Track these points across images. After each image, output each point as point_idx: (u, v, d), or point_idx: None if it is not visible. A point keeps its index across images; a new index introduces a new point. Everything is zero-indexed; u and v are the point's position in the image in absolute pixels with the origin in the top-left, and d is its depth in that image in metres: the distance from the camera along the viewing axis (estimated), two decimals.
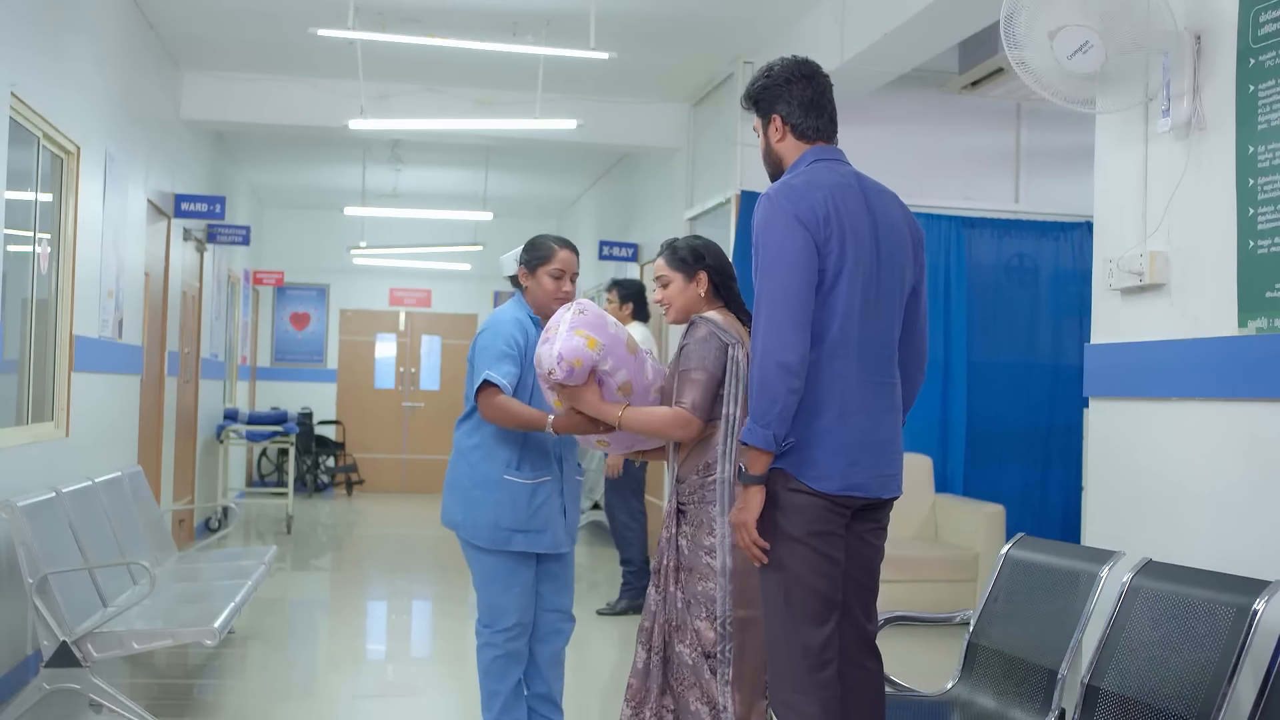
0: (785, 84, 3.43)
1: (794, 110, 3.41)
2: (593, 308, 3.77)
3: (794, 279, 3.13)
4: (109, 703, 5.01)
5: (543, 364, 3.69)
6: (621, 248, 11.80)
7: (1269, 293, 3.56)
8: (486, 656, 4.36)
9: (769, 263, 3.17)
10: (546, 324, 3.85)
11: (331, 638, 7.91)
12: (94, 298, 6.90)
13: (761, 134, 3.50)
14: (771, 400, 3.11)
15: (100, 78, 7.03)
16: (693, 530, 3.59)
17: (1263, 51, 3.63)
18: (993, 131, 8.79)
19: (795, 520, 3.21)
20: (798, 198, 3.21)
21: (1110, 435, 4.37)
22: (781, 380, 3.10)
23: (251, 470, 15.61)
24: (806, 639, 3.22)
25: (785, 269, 3.14)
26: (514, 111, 9.45)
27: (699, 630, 3.54)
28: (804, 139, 3.42)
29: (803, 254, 3.15)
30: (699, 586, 3.56)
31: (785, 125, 3.43)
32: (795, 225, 3.16)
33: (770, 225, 3.20)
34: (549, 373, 3.66)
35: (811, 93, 3.43)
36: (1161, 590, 3.47)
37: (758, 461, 3.18)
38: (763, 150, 3.52)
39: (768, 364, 3.11)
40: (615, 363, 3.68)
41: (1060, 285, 8.46)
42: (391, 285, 16.93)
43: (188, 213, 9.70)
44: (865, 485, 3.26)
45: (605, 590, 8.78)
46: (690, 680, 3.55)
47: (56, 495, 5.43)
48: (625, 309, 8.18)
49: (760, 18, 7.83)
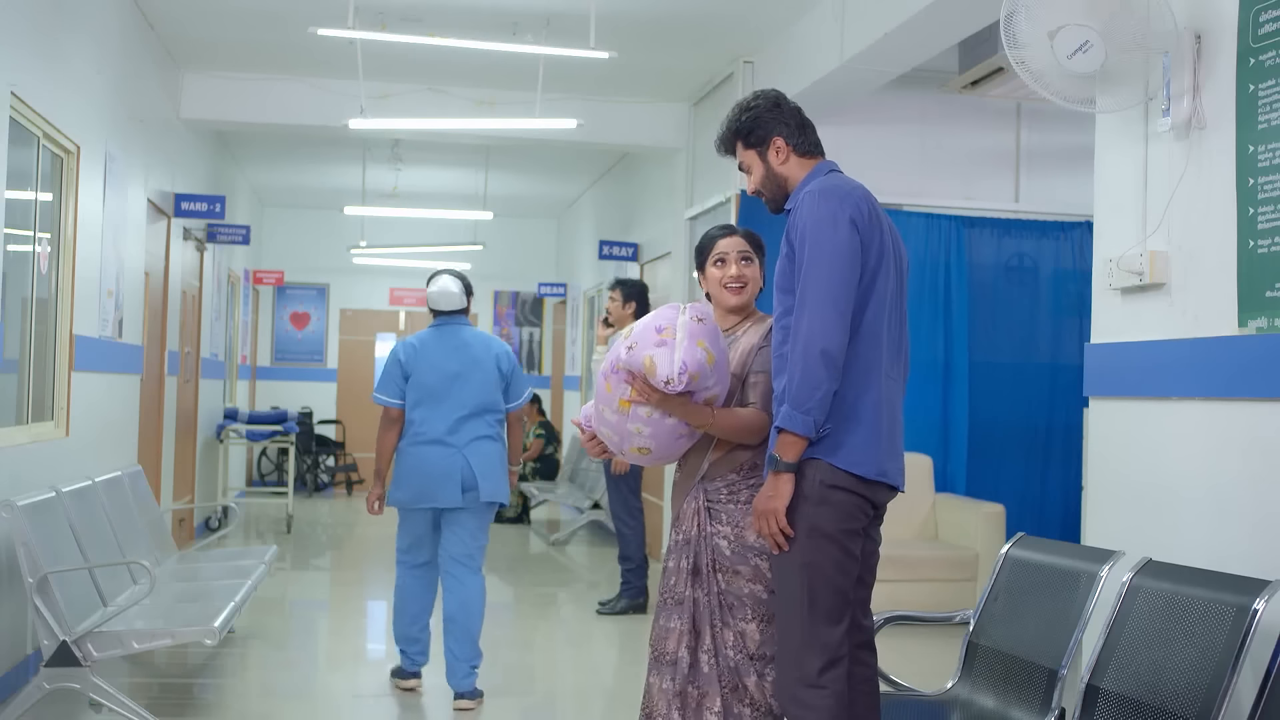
0: (773, 109, 3.56)
1: (791, 130, 3.54)
2: (709, 316, 3.52)
3: (843, 273, 3.24)
4: (109, 702, 5.01)
5: (658, 371, 3.34)
6: (622, 247, 11.80)
7: (1269, 292, 3.56)
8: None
9: (820, 256, 3.25)
10: (645, 322, 3.50)
11: (331, 637, 7.92)
12: (94, 297, 6.90)
13: (759, 163, 3.57)
14: (814, 386, 3.19)
15: (100, 77, 7.03)
16: (735, 531, 3.53)
17: (1263, 51, 3.63)
18: (993, 131, 8.80)
19: (830, 516, 3.27)
20: (845, 196, 3.33)
21: (1110, 435, 4.37)
22: (825, 367, 3.19)
23: (251, 470, 15.61)
24: (825, 636, 3.26)
25: (837, 263, 3.24)
26: (514, 111, 9.45)
27: (744, 632, 3.49)
28: (806, 155, 3.55)
29: (853, 250, 3.27)
30: (746, 588, 3.50)
31: (788, 146, 3.54)
32: (846, 223, 3.29)
33: (823, 221, 3.28)
34: (666, 381, 3.33)
35: (797, 113, 3.58)
36: (1161, 590, 3.47)
37: (793, 448, 3.24)
38: (760, 179, 3.58)
39: (812, 351, 3.19)
40: (718, 378, 3.46)
41: (1060, 285, 8.47)
42: (391, 285, 16.93)
43: (188, 212, 9.70)
44: (893, 474, 3.37)
45: (604, 589, 8.78)
46: (731, 683, 3.49)
47: (56, 495, 5.43)
48: (629, 308, 8.16)
49: (760, 17, 7.83)
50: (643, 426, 3.49)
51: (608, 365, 3.52)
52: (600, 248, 11.91)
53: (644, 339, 3.43)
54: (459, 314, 5.97)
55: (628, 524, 8.18)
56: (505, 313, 17.31)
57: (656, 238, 11.01)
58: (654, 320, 3.47)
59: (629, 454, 3.61)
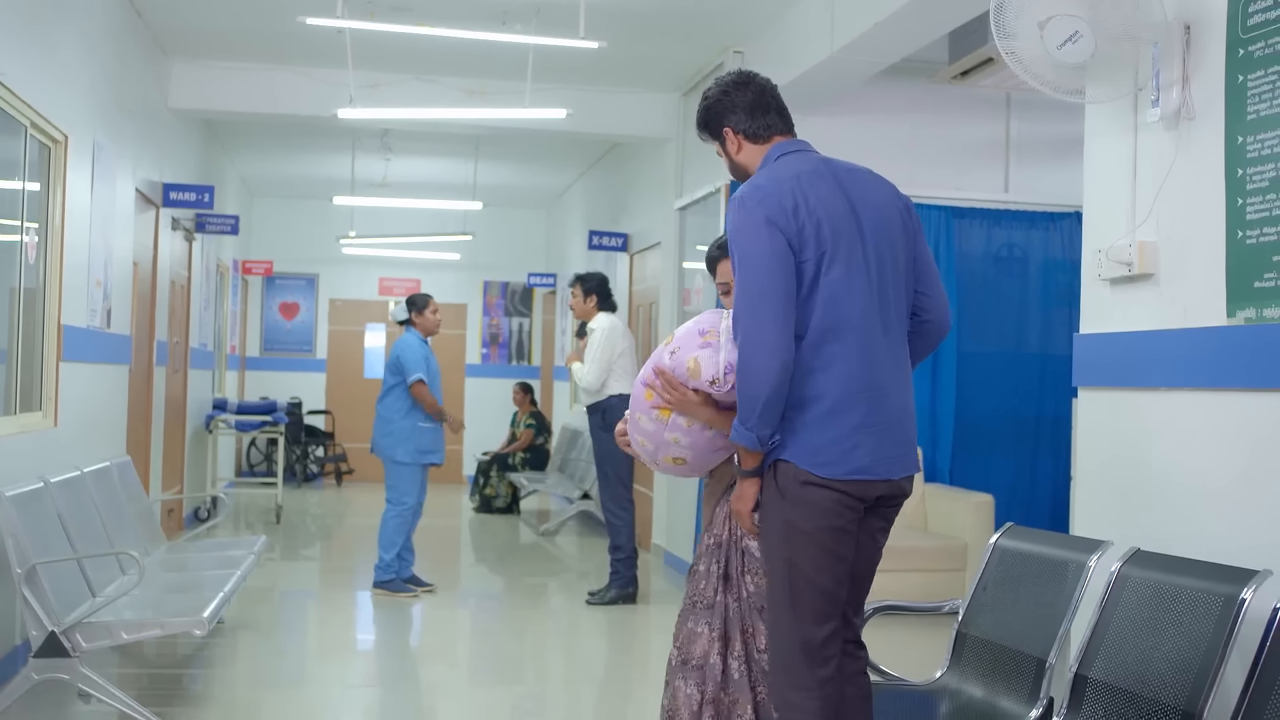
0: (723, 97, 3.51)
1: (740, 117, 3.48)
2: None
3: (770, 281, 3.16)
4: (98, 693, 5.01)
5: (703, 371, 3.33)
6: (611, 237, 11.79)
7: (1258, 283, 3.56)
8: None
9: (744, 266, 3.20)
10: (687, 327, 3.48)
11: (321, 627, 7.91)
12: (82, 287, 6.88)
13: (723, 154, 3.56)
14: (753, 401, 3.15)
15: (88, 67, 7.00)
16: None
17: (1252, 42, 3.63)
18: (982, 121, 8.79)
19: (807, 514, 3.20)
20: (763, 196, 3.24)
21: (1099, 425, 4.38)
22: (763, 381, 3.13)
23: (241, 460, 15.58)
24: (808, 635, 3.22)
25: (761, 271, 3.17)
26: (504, 101, 9.43)
27: None
28: (758, 140, 3.48)
29: (776, 253, 3.18)
30: None
31: (738, 135, 3.50)
32: (764, 225, 3.20)
33: (741, 229, 3.23)
34: (711, 381, 3.32)
35: (751, 95, 3.50)
36: (1150, 579, 3.48)
37: (749, 457, 3.26)
38: (729, 168, 3.58)
39: (749, 366, 3.15)
40: None
41: (1050, 275, 8.47)
42: (381, 275, 16.90)
43: (176, 202, 9.67)
44: (870, 468, 3.22)
45: (594, 579, 8.79)
46: (767, 688, 3.43)
47: (45, 485, 5.42)
48: (590, 302, 8.21)
49: (750, 7, 7.82)
50: (680, 436, 3.45)
51: (647, 373, 3.47)
52: (590, 238, 11.91)
53: (687, 342, 3.41)
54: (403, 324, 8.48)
55: (618, 514, 8.19)
56: (494, 303, 17.28)
57: (646, 228, 11.00)
58: (696, 325, 3.45)
59: (662, 464, 3.56)
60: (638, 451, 3.60)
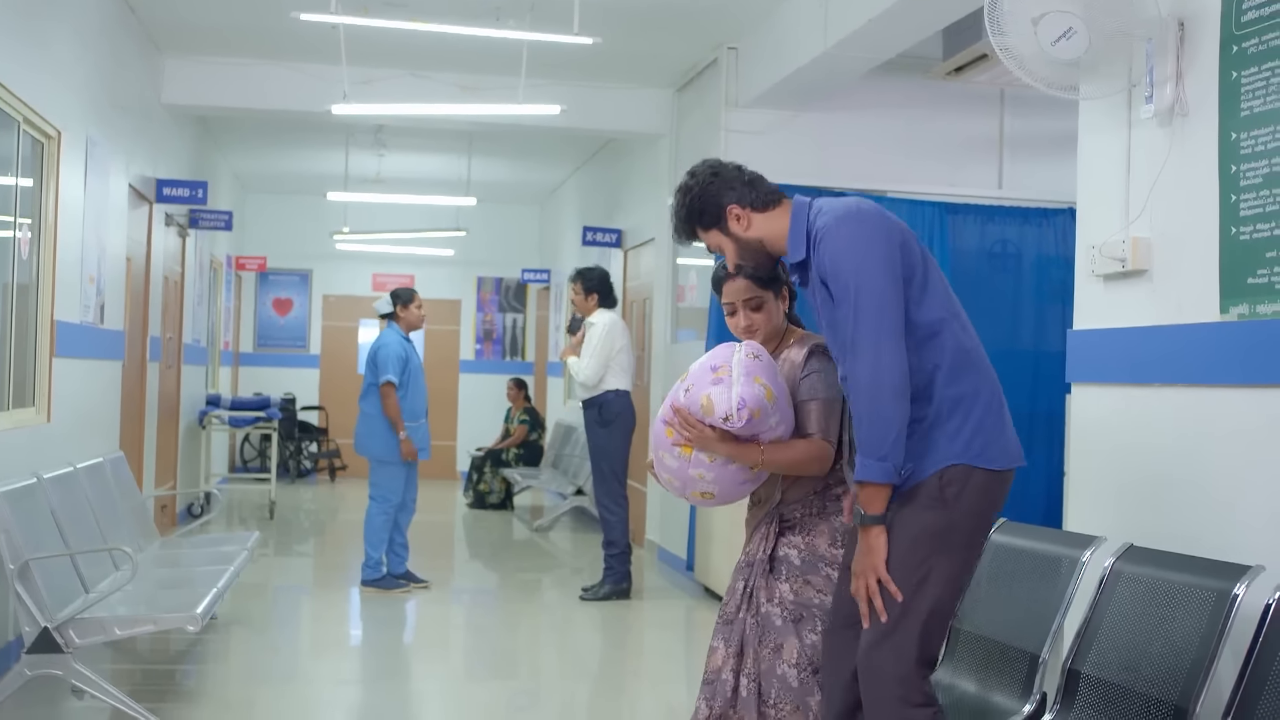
0: (712, 179, 3.29)
1: (741, 191, 3.27)
2: (765, 353, 3.40)
3: (886, 297, 3.01)
4: (91, 689, 5.00)
5: (716, 408, 3.24)
6: (605, 233, 11.78)
7: (1251, 279, 3.57)
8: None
9: (860, 287, 3.01)
10: (700, 363, 3.42)
11: (314, 623, 7.91)
12: (75, 283, 6.87)
13: (726, 240, 3.32)
14: (887, 426, 2.97)
15: (81, 62, 6.98)
16: (807, 540, 3.47)
17: (1246, 38, 3.63)
18: (976, 117, 8.79)
19: (980, 515, 3.10)
20: (862, 217, 3.10)
21: (1092, 421, 4.39)
22: (895, 403, 2.97)
23: (234, 456, 15.56)
24: (932, 651, 3.11)
25: (876, 291, 3.01)
26: (498, 97, 9.42)
27: (814, 644, 3.38)
28: (768, 206, 3.28)
29: (892, 269, 3.04)
30: (816, 599, 3.42)
31: (746, 209, 3.27)
32: (877, 241, 3.05)
33: (851, 250, 3.05)
34: (725, 418, 3.22)
35: (735, 171, 3.31)
36: (1143, 575, 3.49)
37: (877, 498, 3.03)
38: (735, 253, 3.34)
39: (878, 393, 2.97)
40: (780, 415, 3.33)
41: (1043, 271, 8.47)
42: (375, 270, 16.87)
43: (170, 198, 9.65)
44: (1019, 451, 3.18)
45: (588, 575, 8.79)
46: (793, 704, 3.37)
47: (38, 481, 5.41)
48: (591, 299, 8.20)
49: (743, 3, 7.81)
50: (705, 472, 3.39)
51: (666, 411, 3.42)
52: (584, 234, 11.89)
53: (700, 379, 3.33)
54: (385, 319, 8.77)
55: (612, 510, 8.19)
56: (488, 299, 17.27)
57: (640, 224, 11.00)
58: (709, 360, 3.38)
59: (692, 498, 3.50)
60: (667, 488, 3.55)
